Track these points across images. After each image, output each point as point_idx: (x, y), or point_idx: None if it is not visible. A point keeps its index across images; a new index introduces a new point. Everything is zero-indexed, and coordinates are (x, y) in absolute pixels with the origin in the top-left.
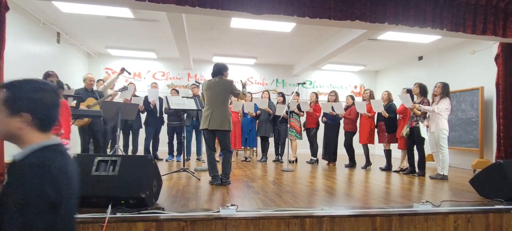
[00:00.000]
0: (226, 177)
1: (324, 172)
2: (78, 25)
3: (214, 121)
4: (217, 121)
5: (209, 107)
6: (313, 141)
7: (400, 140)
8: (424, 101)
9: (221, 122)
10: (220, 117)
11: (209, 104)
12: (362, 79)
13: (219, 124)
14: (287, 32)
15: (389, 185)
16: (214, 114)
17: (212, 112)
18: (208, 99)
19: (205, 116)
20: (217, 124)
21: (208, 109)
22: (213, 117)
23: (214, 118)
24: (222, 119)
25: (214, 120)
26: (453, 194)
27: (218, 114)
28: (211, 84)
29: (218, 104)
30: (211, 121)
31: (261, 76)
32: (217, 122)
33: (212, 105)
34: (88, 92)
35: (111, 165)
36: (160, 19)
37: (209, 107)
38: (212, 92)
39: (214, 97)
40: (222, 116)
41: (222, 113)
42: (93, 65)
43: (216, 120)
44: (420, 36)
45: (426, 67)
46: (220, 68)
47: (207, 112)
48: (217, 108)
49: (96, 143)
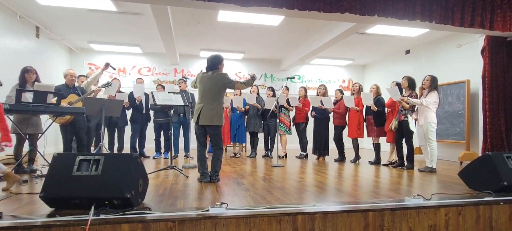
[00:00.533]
0: (215, 174)
1: (314, 166)
2: (58, 18)
3: (204, 116)
4: (207, 116)
5: (201, 101)
6: (303, 136)
7: (389, 133)
8: (413, 95)
9: (211, 117)
10: (210, 112)
11: (201, 98)
12: (350, 74)
13: (209, 119)
14: (275, 26)
15: (379, 178)
16: (204, 109)
17: (203, 107)
18: (200, 93)
19: (196, 110)
20: (207, 119)
21: (199, 104)
22: (204, 112)
23: (204, 113)
24: (212, 114)
25: (204, 115)
26: (443, 186)
27: (209, 109)
28: (204, 78)
29: (210, 99)
30: (201, 116)
31: (249, 71)
32: (207, 117)
33: (204, 100)
34: (69, 88)
35: (94, 164)
36: (144, 13)
37: (200, 102)
38: (205, 87)
39: (206, 92)
40: (213, 111)
41: (213, 109)
42: (75, 60)
43: (206, 115)
44: (408, 30)
45: (414, 60)
46: (215, 62)
47: (198, 106)
48: (208, 104)
49: (79, 141)
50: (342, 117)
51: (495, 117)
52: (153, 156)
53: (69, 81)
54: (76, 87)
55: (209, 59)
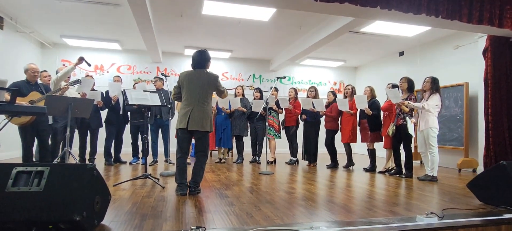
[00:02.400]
0: (195, 185)
1: (305, 174)
2: (23, 8)
3: (194, 120)
4: (198, 121)
5: (189, 103)
6: (293, 140)
7: (386, 138)
8: (411, 97)
9: (203, 121)
10: (202, 115)
11: (189, 100)
12: (342, 76)
13: (200, 124)
14: (265, 22)
15: (377, 189)
16: (195, 113)
17: (193, 110)
18: (188, 95)
19: (183, 114)
20: (198, 124)
21: (187, 106)
22: (194, 115)
23: (195, 117)
24: (204, 118)
25: (195, 119)
26: (451, 199)
27: (200, 112)
28: (193, 77)
29: (201, 101)
30: (191, 120)
31: (236, 71)
32: (198, 121)
33: (193, 101)
34: (30, 85)
35: (36, 177)
36: (120, 3)
37: (189, 104)
38: (194, 86)
39: (197, 93)
40: (205, 114)
41: (205, 112)
42: (47, 56)
43: (198, 119)
44: (405, 29)
45: (407, 63)
46: (205, 58)
47: (186, 109)
48: (199, 106)
49: (42, 145)
50: (334, 120)
51: (498, 122)
52: (130, 161)
53: (30, 77)
54: (38, 84)
55: (197, 55)
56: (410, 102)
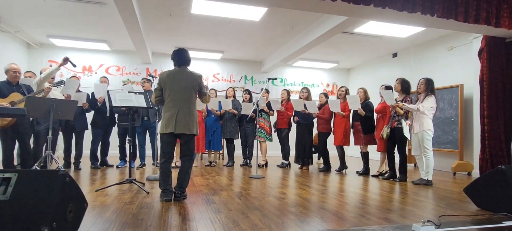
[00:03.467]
0: (181, 191)
1: (297, 178)
2: (8, 7)
3: (181, 123)
4: (185, 123)
5: (173, 105)
6: (285, 143)
7: (380, 141)
8: (407, 99)
9: (190, 124)
10: (188, 117)
11: (173, 101)
12: (334, 77)
13: (188, 127)
14: (256, 22)
15: (371, 194)
16: (181, 115)
17: (178, 112)
18: (172, 96)
19: (169, 117)
20: (185, 127)
21: (172, 108)
22: (180, 117)
23: (181, 119)
24: (191, 120)
25: (181, 122)
26: (446, 205)
27: (186, 114)
28: (175, 76)
29: (186, 101)
30: (178, 123)
31: (228, 72)
32: (185, 124)
33: (178, 102)
34: (11, 86)
35: (2, 185)
36: (106, 1)
37: (173, 106)
38: (178, 86)
39: (181, 93)
40: (191, 116)
41: (191, 114)
42: (34, 57)
43: (184, 121)
44: (398, 30)
45: (401, 64)
46: (188, 56)
47: (171, 111)
48: (185, 107)
49: (24, 148)
50: (326, 122)
51: (493, 124)
52: (117, 165)
53: (11, 77)
54: (20, 85)
55: (179, 53)
56: (405, 104)
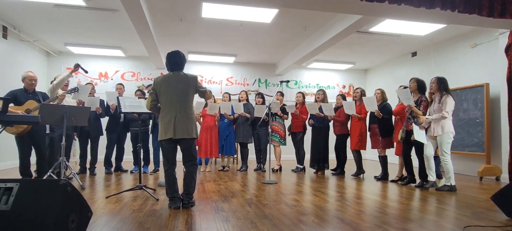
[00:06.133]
0: (188, 197)
1: (312, 184)
2: (25, 16)
3: (180, 128)
4: (184, 128)
5: (170, 109)
6: (300, 147)
7: (398, 144)
8: (422, 99)
9: (189, 128)
10: (186, 121)
11: (170, 106)
12: (351, 79)
13: (186, 131)
14: (267, 24)
15: (389, 201)
16: (179, 119)
17: (176, 116)
18: (167, 100)
19: (166, 122)
20: (184, 132)
21: (169, 113)
22: (179, 122)
23: (180, 124)
24: (190, 124)
25: (179, 127)
26: (473, 214)
27: (184, 119)
28: (170, 80)
29: (183, 105)
30: (177, 128)
31: (241, 76)
32: (184, 129)
33: (175, 107)
34: (28, 93)
35: (4, 194)
36: (118, 8)
37: (170, 110)
38: (174, 90)
39: (177, 97)
40: (189, 120)
41: (189, 118)
42: (53, 64)
43: (182, 126)
44: (417, 28)
45: (421, 64)
46: (182, 59)
47: (169, 116)
48: (182, 111)
49: (39, 155)
50: (343, 124)
51: None
52: (131, 170)
53: (27, 85)
54: (36, 92)
55: (173, 56)
56: (428, 117)
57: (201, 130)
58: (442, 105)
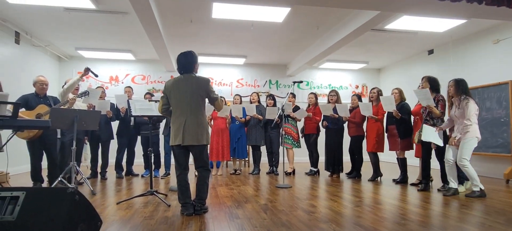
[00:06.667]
0: (201, 203)
1: (327, 187)
2: (36, 22)
3: (189, 134)
4: (193, 134)
5: (180, 114)
6: (313, 149)
7: (418, 146)
8: (439, 98)
9: (199, 134)
10: (196, 127)
11: (180, 110)
12: (364, 78)
13: (196, 137)
14: (278, 23)
15: (412, 206)
16: (189, 125)
17: (186, 121)
18: (178, 105)
19: (177, 128)
20: (194, 138)
21: (179, 118)
22: (188, 127)
23: (189, 130)
24: (200, 129)
25: (189, 132)
26: (507, 221)
27: (194, 125)
28: (180, 84)
29: (194, 110)
30: (186, 133)
31: (252, 77)
32: (193, 135)
33: (185, 111)
34: (39, 98)
35: (9, 204)
36: (128, 11)
37: (180, 115)
38: (183, 94)
39: (186, 101)
40: (200, 126)
41: (200, 124)
42: (64, 69)
43: (193, 131)
44: (434, 24)
45: (438, 62)
46: (191, 60)
47: (179, 121)
48: (193, 116)
49: (50, 159)
50: (358, 126)
51: None
52: (142, 174)
53: (39, 89)
54: (47, 97)
55: (182, 58)
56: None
57: (212, 133)
58: (464, 111)
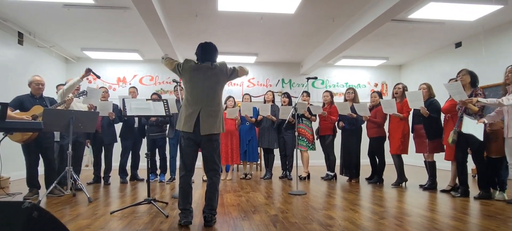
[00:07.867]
0: (211, 213)
1: (346, 195)
2: (39, 21)
3: (205, 123)
4: (209, 123)
5: (195, 103)
6: (330, 152)
7: (448, 148)
8: (478, 93)
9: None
10: (212, 118)
11: (196, 98)
12: (383, 76)
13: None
14: (290, 15)
15: (445, 217)
16: (204, 114)
17: (201, 110)
18: (193, 93)
19: (190, 113)
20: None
21: (193, 106)
22: (204, 117)
23: (205, 119)
24: (216, 120)
25: (205, 121)
26: None
27: (210, 114)
28: (199, 72)
29: (210, 100)
30: (202, 121)
31: (264, 76)
32: (210, 124)
33: (200, 101)
34: (35, 99)
35: None
36: (129, 6)
37: (195, 103)
38: (202, 83)
39: (204, 91)
40: (216, 117)
41: (216, 115)
42: (71, 70)
43: (208, 121)
44: (463, 13)
45: (466, 55)
46: (215, 51)
47: (191, 109)
48: (208, 106)
49: (47, 163)
50: (379, 126)
51: None
52: (146, 179)
53: (34, 90)
54: (43, 97)
55: (204, 46)
56: (480, 99)
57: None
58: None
